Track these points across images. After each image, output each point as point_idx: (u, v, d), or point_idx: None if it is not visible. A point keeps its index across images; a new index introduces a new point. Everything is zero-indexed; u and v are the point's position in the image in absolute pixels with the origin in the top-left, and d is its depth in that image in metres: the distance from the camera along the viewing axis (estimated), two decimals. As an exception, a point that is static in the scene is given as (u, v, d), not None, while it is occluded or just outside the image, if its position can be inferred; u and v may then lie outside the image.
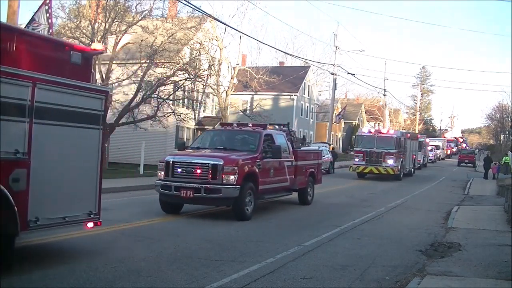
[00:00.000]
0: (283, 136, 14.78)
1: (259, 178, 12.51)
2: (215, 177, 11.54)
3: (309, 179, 15.97)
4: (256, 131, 13.74)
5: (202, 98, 35.33)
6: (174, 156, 12.52)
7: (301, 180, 15.32)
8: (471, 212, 15.85)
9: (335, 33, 40.52)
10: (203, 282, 6.75)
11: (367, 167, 29.02)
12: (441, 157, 64.94)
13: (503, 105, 73.67)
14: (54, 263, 7.26)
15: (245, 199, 11.94)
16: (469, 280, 7.32)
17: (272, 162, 13.28)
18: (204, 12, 25.84)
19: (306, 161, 15.95)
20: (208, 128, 38.10)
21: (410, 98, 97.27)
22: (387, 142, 29.06)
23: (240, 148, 13.13)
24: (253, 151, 12.81)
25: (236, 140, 13.75)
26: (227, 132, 14.49)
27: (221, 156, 11.94)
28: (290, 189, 14.82)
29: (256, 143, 13.12)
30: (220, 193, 11.49)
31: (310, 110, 56.53)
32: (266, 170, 13.00)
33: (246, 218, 12.01)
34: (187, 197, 11.64)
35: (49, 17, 13.83)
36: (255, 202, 12.43)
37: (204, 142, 13.94)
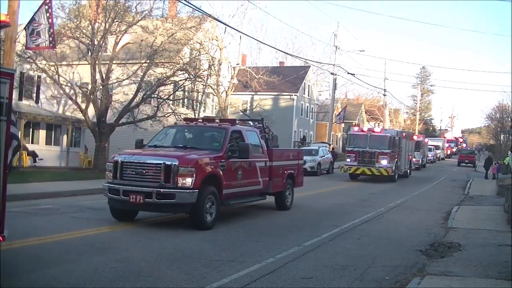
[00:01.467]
0: (255, 133, 13.27)
1: (223, 181, 10.93)
2: (169, 179, 9.98)
3: (287, 181, 14.53)
4: (222, 128, 12.14)
5: (202, 98, 35.37)
6: (124, 155, 10.76)
7: (277, 182, 13.89)
8: (471, 212, 15.85)
9: (335, 33, 40.55)
10: (203, 282, 6.75)
11: (359, 168, 27.43)
12: (440, 157, 64.56)
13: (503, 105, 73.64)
14: (54, 263, 7.26)
15: (204, 205, 10.34)
16: (469, 280, 7.32)
17: (240, 163, 11.72)
18: (204, 12, 25.88)
19: (284, 162, 14.47)
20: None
21: (410, 98, 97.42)
22: (380, 142, 27.52)
23: (203, 146, 11.60)
24: (217, 150, 11.28)
25: (199, 138, 12.35)
26: (189, 128, 12.97)
27: (176, 156, 10.38)
28: (264, 192, 13.39)
29: (221, 140, 11.58)
30: (174, 198, 9.92)
31: (310, 110, 56.54)
32: (232, 171, 11.44)
33: (206, 227, 10.45)
34: (137, 202, 10.09)
35: (49, 17, 13.82)
36: (218, 209, 10.83)
37: (164, 139, 12.42)
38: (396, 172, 28.57)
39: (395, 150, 28.23)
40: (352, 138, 28.91)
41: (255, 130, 13.50)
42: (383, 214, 14.87)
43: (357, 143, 28.09)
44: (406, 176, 31.99)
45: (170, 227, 10.87)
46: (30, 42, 13.99)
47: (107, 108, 26.04)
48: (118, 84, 27.49)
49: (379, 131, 28.61)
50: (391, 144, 27.60)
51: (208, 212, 10.53)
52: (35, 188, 15.75)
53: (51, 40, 13.85)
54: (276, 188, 13.91)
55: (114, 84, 27.29)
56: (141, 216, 12.02)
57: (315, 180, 27.42)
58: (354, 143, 28.32)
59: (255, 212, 13.60)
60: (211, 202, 10.59)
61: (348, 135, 30.35)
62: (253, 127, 13.96)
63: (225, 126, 12.27)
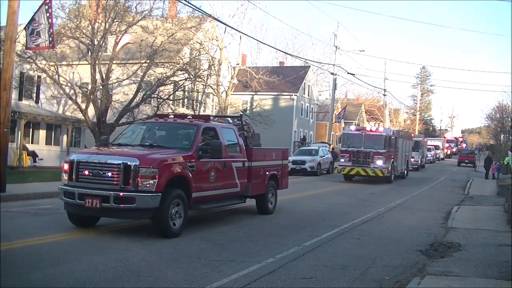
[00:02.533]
0: (232, 131, 12.25)
1: (192, 183, 9.93)
2: (128, 182, 8.99)
3: (269, 183, 13.48)
4: (193, 124, 11.07)
5: (202, 98, 35.38)
6: (81, 154, 9.82)
7: (258, 184, 12.84)
8: (471, 212, 15.85)
9: (335, 33, 40.56)
10: (203, 282, 6.75)
11: (354, 168, 26.42)
12: (440, 157, 64.21)
13: (503, 105, 73.69)
14: (54, 263, 7.26)
15: (169, 210, 9.35)
16: (469, 280, 7.32)
17: (213, 163, 10.69)
18: (204, 12, 25.89)
19: (265, 162, 13.41)
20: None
21: (410, 98, 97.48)
22: (375, 141, 26.42)
23: (171, 145, 10.58)
24: (186, 148, 10.25)
25: (167, 136, 11.35)
26: (158, 125, 11.78)
27: (137, 155, 9.38)
28: (243, 195, 12.41)
29: (191, 138, 10.58)
30: (134, 203, 8.93)
31: (310, 110, 56.54)
32: (203, 173, 10.41)
33: (171, 234, 9.47)
34: (93, 207, 9.06)
35: (49, 17, 13.82)
36: (186, 214, 9.86)
37: (130, 137, 11.45)
38: (392, 173, 27.70)
39: (391, 150, 27.29)
40: (346, 138, 27.88)
41: (232, 128, 12.45)
42: (383, 214, 14.87)
43: (352, 142, 27.17)
44: (403, 177, 31.09)
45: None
46: (30, 42, 13.98)
47: (107, 108, 26.05)
48: (118, 84, 27.50)
49: (374, 130, 27.57)
50: (387, 144, 26.66)
51: (174, 218, 9.55)
52: (35, 188, 15.75)
53: (50, 40, 13.84)
54: (257, 191, 12.83)
55: (114, 84, 27.28)
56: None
57: (315, 180, 27.46)
58: (349, 142, 27.36)
59: (255, 212, 13.59)
60: (177, 206, 9.58)
61: (342, 135, 29.38)
62: (230, 124, 12.90)
63: (196, 123, 11.18)
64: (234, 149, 11.95)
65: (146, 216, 9.46)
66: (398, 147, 29.12)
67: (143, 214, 9.40)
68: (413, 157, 38.35)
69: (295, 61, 62.88)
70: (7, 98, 13.12)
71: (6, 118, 13.20)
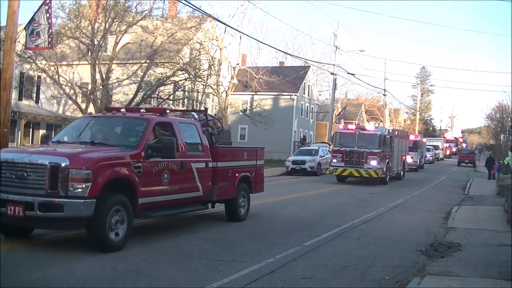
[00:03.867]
0: (194, 127, 10.79)
1: (138, 187, 8.57)
2: (56, 185, 7.60)
3: (240, 186, 11.99)
4: (144, 119, 9.68)
5: (202, 98, 35.39)
6: (6, 153, 8.36)
7: (225, 188, 11.40)
8: (471, 212, 15.85)
9: (335, 33, 40.52)
10: (203, 282, 6.75)
11: (346, 169, 25.04)
12: (439, 158, 63.73)
13: (503, 105, 73.67)
14: (54, 263, 7.25)
15: (106, 219, 7.96)
16: (469, 280, 7.32)
17: (165, 164, 9.30)
18: (204, 12, 25.88)
19: (235, 162, 11.96)
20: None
21: (410, 98, 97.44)
22: (369, 140, 25.12)
23: (116, 142, 9.28)
24: (132, 146, 8.93)
25: (113, 131, 9.98)
26: (105, 120, 10.24)
27: (68, 154, 8.01)
28: (206, 200, 10.96)
29: (140, 135, 9.21)
30: (63, 210, 7.52)
31: (310, 110, 56.55)
32: (154, 175, 9.03)
33: (110, 247, 8.06)
34: (16, 215, 7.62)
35: (49, 17, 13.81)
36: (130, 223, 8.43)
37: (72, 133, 10.09)
38: (388, 173, 26.39)
39: (386, 149, 26.00)
40: (338, 137, 26.42)
41: (193, 123, 10.97)
42: (383, 214, 14.87)
43: (345, 142, 25.79)
44: (399, 178, 29.80)
45: (170, 227, 10.87)
46: (29, 42, 13.97)
47: (107, 108, 26.05)
48: (118, 84, 27.52)
49: (368, 129, 26.39)
50: (382, 143, 25.34)
51: (115, 228, 8.16)
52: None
53: (49, 41, 13.83)
54: (223, 195, 11.40)
55: (114, 84, 27.31)
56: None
57: (315, 180, 27.44)
58: (341, 142, 25.96)
59: (255, 212, 13.59)
60: (118, 215, 8.20)
61: (335, 134, 27.71)
62: (192, 119, 11.50)
63: (147, 117, 9.80)
64: (195, 148, 10.56)
65: (79, 227, 8.20)
66: (393, 146, 27.87)
67: (74, 224, 8.04)
68: (412, 157, 37.63)
69: (295, 61, 62.96)
70: (7, 98, 13.10)
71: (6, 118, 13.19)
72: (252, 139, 46.82)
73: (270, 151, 46.74)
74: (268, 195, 18.18)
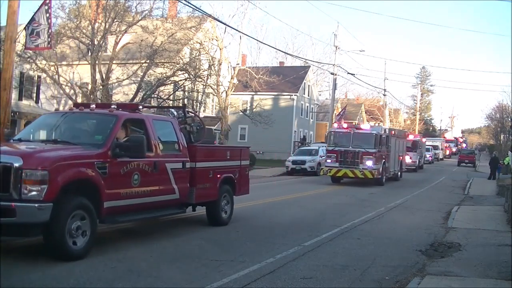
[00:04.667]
0: (170, 124, 10.08)
1: (104, 189, 7.87)
2: (8, 187, 6.95)
3: (222, 188, 11.22)
4: (112, 115, 8.95)
5: (202, 98, 35.40)
6: None
7: (205, 190, 10.64)
8: (471, 212, 15.85)
9: (335, 33, 40.50)
10: (203, 282, 6.75)
11: (341, 169, 24.24)
12: (439, 158, 63.36)
13: (503, 105, 73.57)
14: (54, 263, 7.25)
15: (65, 225, 7.25)
16: (469, 280, 7.32)
17: (136, 164, 8.60)
18: (204, 12, 25.89)
19: (216, 162, 11.22)
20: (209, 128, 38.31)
21: (410, 98, 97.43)
22: (365, 140, 24.31)
23: (81, 140, 8.65)
24: (97, 145, 8.24)
25: (79, 129, 9.29)
26: (71, 116, 9.51)
27: (22, 153, 7.41)
28: (183, 203, 10.21)
29: (107, 133, 8.53)
30: (15, 215, 6.83)
31: (310, 110, 56.57)
32: (121, 176, 8.34)
33: (70, 256, 7.34)
34: None
35: (49, 17, 13.80)
36: (94, 229, 7.74)
37: (36, 131, 9.55)
38: (384, 174, 25.52)
39: (382, 149, 25.14)
40: (333, 136, 25.50)
41: (170, 120, 10.28)
42: (383, 214, 14.87)
43: (339, 141, 24.98)
44: (396, 179, 28.93)
45: (170, 227, 10.87)
46: (29, 42, 13.97)
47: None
48: (118, 84, 27.52)
49: (364, 128, 25.63)
50: (378, 143, 24.48)
51: (75, 235, 7.42)
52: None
53: (49, 41, 13.83)
54: (203, 198, 10.68)
55: (114, 84, 27.31)
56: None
57: (315, 180, 27.44)
58: (336, 141, 25.15)
59: (255, 212, 13.60)
60: (80, 220, 7.49)
61: (329, 133, 26.68)
62: (168, 116, 10.92)
63: (117, 113, 9.03)
64: (171, 147, 9.93)
65: (33, 233, 7.42)
66: (390, 146, 27.01)
67: (28, 231, 7.28)
68: (411, 157, 37.17)
69: (295, 61, 62.94)
70: (7, 98, 13.10)
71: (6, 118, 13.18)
72: (252, 139, 46.83)
73: (270, 151, 47.37)
74: (268, 195, 18.23)
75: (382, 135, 25.56)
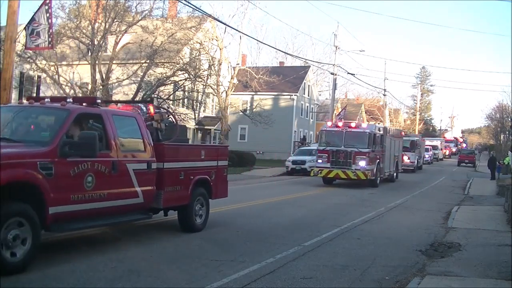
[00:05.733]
0: (134, 120, 9.06)
1: (48, 193, 6.94)
2: None
3: (195, 191, 10.24)
4: (64, 109, 8.01)
5: (202, 98, 35.44)
6: None
7: (175, 193, 9.67)
8: (471, 212, 15.86)
9: (335, 33, 40.51)
10: (203, 282, 6.75)
11: (332, 170, 23.06)
12: (439, 158, 62.79)
13: (503, 105, 73.59)
14: (54, 263, 7.25)
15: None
16: (469, 280, 7.32)
17: (89, 164, 7.68)
18: (204, 12, 25.91)
19: (188, 163, 10.14)
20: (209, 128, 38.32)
21: (410, 98, 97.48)
22: (358, 139, 23.17)
23: (26, 137, 7.67)
24: (43, 142, 7.33)
25: (25, 124, 8.24)
26: (20, 110, 8.52)
27: None
28: (148, 208, 9.22)
29: (55, 129, 7.62)
30: None
31: (310, 110, 56.57)
32: (71, 177, 7.42)
33: (7, 269, 6.49)
34: None
35: (49, 17, 13.81)
36: (36, 239, 6.83)
37: None
38: (378, 175, 24.40)
39: (376, 149, 24.04)
40: (324, 135, 24.37)
41: (133, 116, 9.26)
42: (383, 214, 14.87)
43: (331, 141, 23.82)
44: (392, 180, 27.82)
45: (170, 227, 10.86)
46: (29, 42, 13.98)
47: (107, 108, 26.05)
48: (118, 84, 27.52)
49: (357, 127, 24.34)
50: (371, 142, 23.36)
51: (12, 246, 6.55)
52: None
53: (50, 41, 13.84)
54: (173, 201, 9.73)
55: (114, 84, 27.31)
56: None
57: (315, 180, 27.41)
58: (327, 141, 24.00)
59: (255, 212, 13.60)
60: (18, 228, 6.61)
61: (320, 132, 25.37)
62: (131, 111, 9.84)
63: (69, 107, 8.12)
64: (134, 145, 8.93)
65: None
66: (385, 146, 25.88)
67: None
68: (409, 158, 36.53)
69: (295, 61, 62.95)
70: (7, 98, 13.10)
71: (6, 118, 13.19)
72: (252, 139, 46.89)
73: (270, 151, 47.39)
74: (268, 195, 18.25)
75: (376, 134, 24.51)
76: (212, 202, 11.10)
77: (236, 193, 19.00)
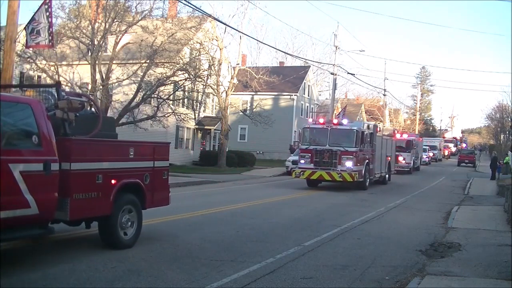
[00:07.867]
0: (28, 107, 7.00)
1: None
2: None
3: (121, 198, 8.37)
4: None
5: (202, 98, 35.41)
6: None
7: (88, 201, 7.74)
8: (471, 212, 15.86)
9: (335, 33, 40.48)
10: (203, 282, 6.75)
11: (316, 171, 21.12)
12: (437, 159, 62.20)
13: (503, 105, 73.55)
14: (54, 263, 7.26)
15: None
16: (469, 280, 7.32)
17: None
18: (204, 12, 25.88)
19: (109, 163, 8.19)
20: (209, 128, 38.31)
21: (410, 98, 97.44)
22: (344, 137, 21.28)
23: None
24: None
25: None
26: None
27: None
28: (47, 220, 7.21)
29: None
30: None
31: (310, 110, 56.54)
32: None
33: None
34: None
35: (49, 16, 13.81)
36: None
37: None
38: (367, 177, 22.50)
39: (365, 148, 22.26)
40: (308, 133, 22.36)
41: (27, 102, 7.13)
42: (383, 214, 14.88)
43: (314, 139, 21.92)
44: (383, 182, 26.08)
45: (170, 227, 10.87)
46: (30, 40, 13.98)
47: (107, 108, 26.03)
48: (118, 84, 27.51)
49: (343, 124, 22.01)
50: (359, 141, 21.47)
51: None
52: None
53: (50, 39, 13.84)
54: (86, 212, 7.84)
55: (114, 84, 27.29)
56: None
57: (315, 180, 27.39)
58: (310, 139, 22.07)
59: (255, 212, 13.60)
60: None
61: (303, 129, 23.14)
62: (28, 98, 7.93)
63: None
64: (23, 140, 7.04)
65: None
66: (375, 145, 23.95)
67: None
68: (404, 158, 35.43)
69: (295, 61, 62.94)
70: (7, 98, 13.10)
71: (6, 118, 13.19)
72: (252, 139, 46.90)
73: (270, 151, 47.41)
74: (268, 195, 18.25)
75: (365, 131, 22.43)
76: (211, 202, 11.09)
77: (236, 193, 19.03)
